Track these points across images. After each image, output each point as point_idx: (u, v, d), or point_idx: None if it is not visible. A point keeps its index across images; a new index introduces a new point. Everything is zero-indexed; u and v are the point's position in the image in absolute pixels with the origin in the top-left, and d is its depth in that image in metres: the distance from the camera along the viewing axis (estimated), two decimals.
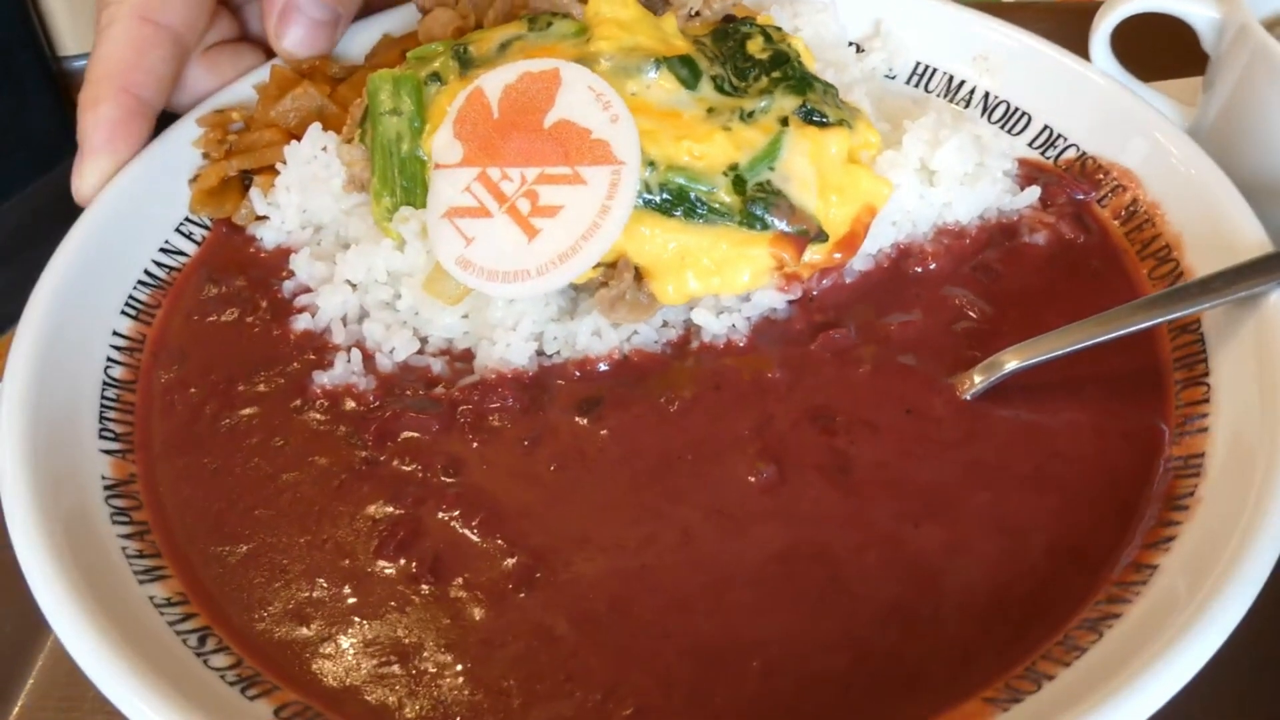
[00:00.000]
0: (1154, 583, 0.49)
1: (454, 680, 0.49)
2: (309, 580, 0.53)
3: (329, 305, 0.64)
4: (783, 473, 0.55)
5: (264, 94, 0.73)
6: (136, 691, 0.45)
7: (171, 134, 0.70)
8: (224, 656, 0.50)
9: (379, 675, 0.49)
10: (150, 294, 0.66)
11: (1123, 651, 0.46)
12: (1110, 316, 0.57)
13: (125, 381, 0.62)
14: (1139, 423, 0.57)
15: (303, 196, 0.68)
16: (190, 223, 0.70)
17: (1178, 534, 0.51)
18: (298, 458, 0.58)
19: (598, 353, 0.61)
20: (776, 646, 0.49)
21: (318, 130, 0.68)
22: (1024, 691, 0.47)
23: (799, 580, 0.51)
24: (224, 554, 0.54)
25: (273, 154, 0.69)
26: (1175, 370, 0.59)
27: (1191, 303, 0.57)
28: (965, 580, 0.51)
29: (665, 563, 0.52)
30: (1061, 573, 0.51)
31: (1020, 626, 0.49)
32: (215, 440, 0.59)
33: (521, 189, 0.60)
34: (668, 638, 0.50)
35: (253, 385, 0.61)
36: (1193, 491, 0.52)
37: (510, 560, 0.53)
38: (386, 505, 0.55)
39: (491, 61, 0.64)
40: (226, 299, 0.66)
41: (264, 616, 0.52)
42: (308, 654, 0.50)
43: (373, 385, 0.61)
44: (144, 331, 0.65)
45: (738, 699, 0.48)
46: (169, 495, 0.57)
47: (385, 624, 0.51)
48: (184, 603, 0.52)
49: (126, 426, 0.60)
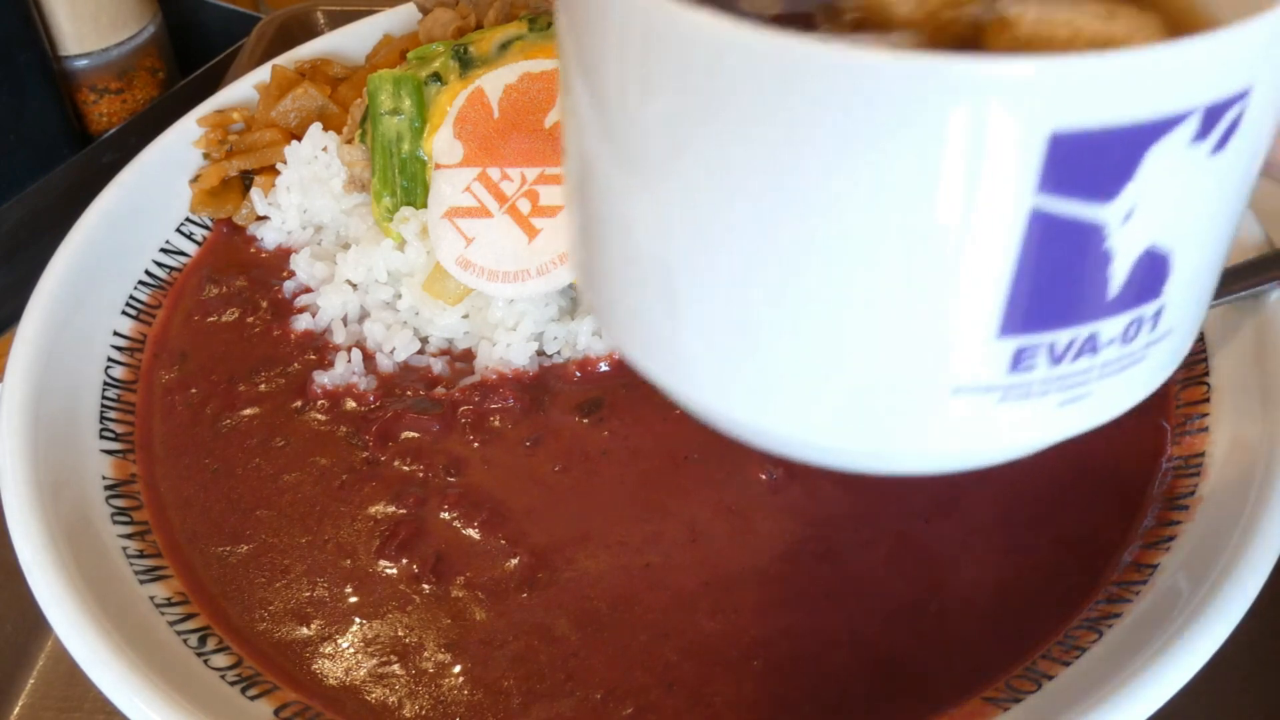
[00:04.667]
0: (1154, 582, 0.49)
1: (454, 680, 0.49)
2: (310, 580, 0.53)
3: (329, 305, 0.64)
4: (791, 471, 0.55)
5: (264, 94, 0.73)
6: (137, 691, 0.45)
7: (171, 134, 0.70)
8: (224, 656, 0.50)
9: (379, 675, 0.50)
10: (151, 294, 0.66)
11: (1123, 651, 0.46)
12: None
13: (126, 381, 0.62)
14: (1140, 422, 0.57)
15: (303, 196, 0.68)
16: (191, 223, 0.70)
17: (1178, 534, 0.51)
18: (299, 458, 0.58)
19: (598, 353, 0.61)
20: (778, 646, 0.49)
21: (318, 130, 0.68)
22: (1024, 691, 0.47)
23: (804, 579, 0.51)
24: (225, 554, 0.54)
25: (273, 154, 0.69)
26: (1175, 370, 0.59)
27: None
28: (967, 579, 0.51)
29: (668, 562, 0.52)
30: (1062, 572, 0.51)
31: (1020, 626, 0.50)
32: (216, 440, 0.59)
33: (522, 189, 0.60)
34: (669, 637, 0.50)
35: (254, 385, 0.62)
36: (1193, 491, 0.53)
37: (512, 560, 0.53)
38: (388, 505, 0.55)
39: (491, 62, 0.64)
40: (227, 299, 0.66)
41: (265, 616, 0.52)
42: (308, 654, 0.50)
43: (373, 385, 0.61)
44: (144, 331, 0.65)
45: (739, 699, 0.48)
46: (170, 495, 0.57)
47: (386, 624, 0.51)
48: (184, 603, 0.52)
49: (127, 426, 0.60)
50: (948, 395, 0.30)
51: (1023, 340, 0.29)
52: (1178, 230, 0.29)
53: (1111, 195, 0.27)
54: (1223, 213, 0.31)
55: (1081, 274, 0.28)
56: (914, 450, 0.32)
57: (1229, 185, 0.30)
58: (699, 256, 0.30)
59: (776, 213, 0.28)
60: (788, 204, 0.28)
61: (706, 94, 0.27)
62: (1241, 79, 0.27)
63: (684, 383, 0.34)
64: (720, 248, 0.30)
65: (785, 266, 0.29)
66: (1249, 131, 0.28)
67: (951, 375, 0.30)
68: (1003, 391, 0.30)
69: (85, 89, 0.94)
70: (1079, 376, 0.31)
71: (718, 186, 0.29)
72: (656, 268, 0.32)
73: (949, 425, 0.31)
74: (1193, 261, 0.31)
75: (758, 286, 0.30)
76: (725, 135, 0.28)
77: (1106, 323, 0.30)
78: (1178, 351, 0.35)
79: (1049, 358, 0.30)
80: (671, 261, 0.31)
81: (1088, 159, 0.26)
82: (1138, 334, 0.31)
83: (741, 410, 0.33)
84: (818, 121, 0.26)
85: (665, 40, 0.27)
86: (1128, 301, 0.30)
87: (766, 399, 0.32)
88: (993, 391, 0.30)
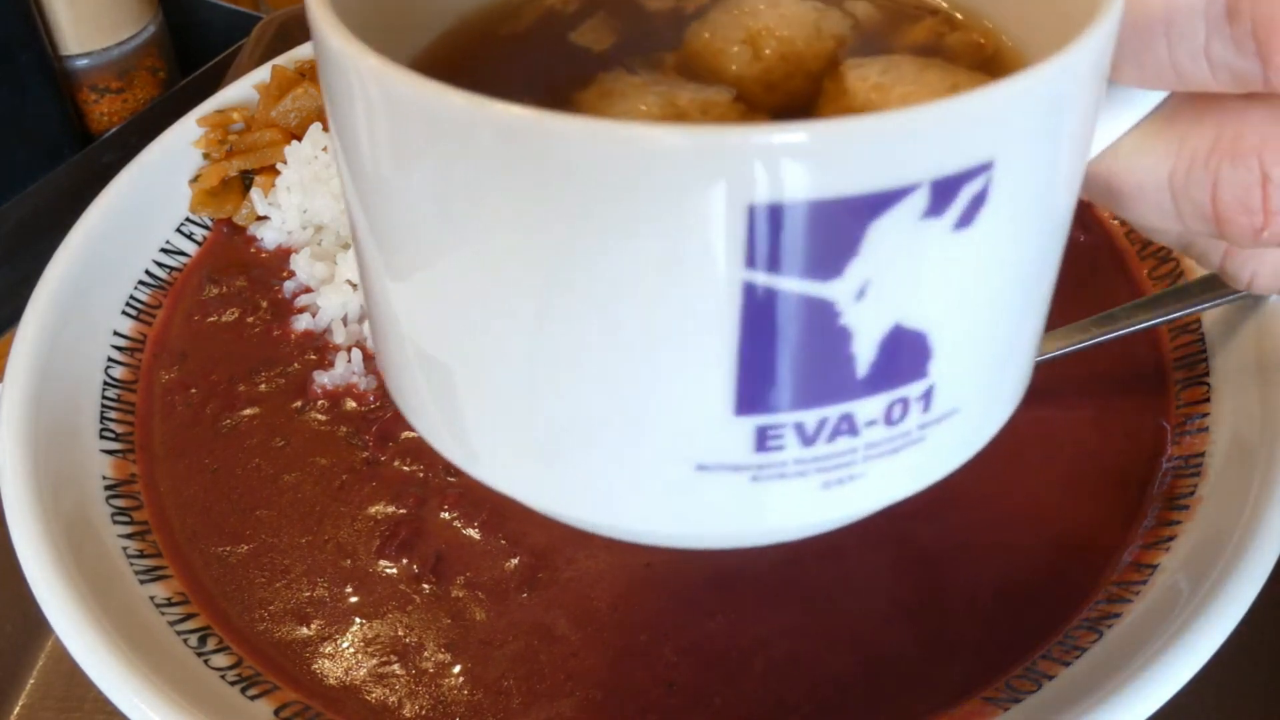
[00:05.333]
0: (1154, 582, 0.49)
1: (454, 680, 0.49)
2: (310, 580, 0.53)
3: (329, 305, 0.64)
4: None
5: (264, 94, 0.73)
6: (137, 691, 0.45)
7: (171, 134, 0.70)
8: (224, 656, 0.50)
9: (379, 675, 0.50)
10: (151, 294, 0.66)
11: (1123, 651, 0.46)
12: (1110, 316, 0.57)
13: (126, 381, 0.62)
14: (1140, 422, 0.57)
15: (303, 196, 0.68)
16: (191, 223, 0.70)
17: (1178, 534, 0.51)
18: (299, 458, 0.58)
19: None
20: (779, 646, 0.49)
21: (318, 130, 0.68)
22: (1024, 691, 0.47)
23: (804, 579, 0.51)
24: (225, 554, 0.54)
25: (273, 154, 0.69)
26: (1175, 370, 0.59)
27: (1191, 303, 0.57)
28: (967, 579, 0.51)
29: (669, 561, 0.52)
30: (1062, 572, 0.51)
31: (1020, 626, 0.50)
32: (216, 440, 0.59)
33: None
34: (669, 637, 0.50)
35: (254, 385, 0.62)
36: (1193, 491, 0.52)
37: (512, 560, 0.53)
38: (388, 505, 0.55)
39: None
40: (227, 299, 0.66)
41: (265, 616, 0.52)
42: (308, 654, 0.50)
43: (373, 385, 0.61)
44: (144, 331, 0.65)
45: (739, 699, 0.48)
46: (170, 495, 0.57)
47: (386, 624, 0.51)
48: (184, 603, 0.52)
49: (127, 426, 0.60)
50: (692, 472, 0.29)
51: (763, 419, 0.28)
52: (930, 310, 0.28)
53: (836, 272, 0.26)
54: (989, 291, 0.29)
55: (820, 353, 0.27)
56: (678, 530, 0.32)
57: (989, 263, 0.28)
58: (444, 337, 0.30)
59: (510, 286, 0.27)
60: (521, 276, 0.27)
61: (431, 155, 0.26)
62: (976, 152, 0.25)
63: (470, 465, 0.34)
64: (460, 329, 0.29)
65: (528, 342, 0.28)
66: (1003, 207, 0.27)
67: (695, 452, 0.29)
68: (753, 471, 0.29)
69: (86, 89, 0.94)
70: (841, 458, 0.29)
71: (455, 267, 0.28)
72: (412, 348, 0.32)
73: (705, 504, 0.30)
74: (960, 341, 0.29)
75: (500, 366, 0.29)
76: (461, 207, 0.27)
77: (862, 403, 0.28)
78: (979, 429, 0.33)
79: (799, 437, 0.29)
80: (424, 346, 0.31)
81: (797, 233, 0.25)
82: (905, 415, 0.29)
83: (523, 492, 0.33)
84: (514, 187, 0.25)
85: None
86: (883, 382, 0.28)
87: (539, 480, 0.32)
88: (741, 471, 0.29)
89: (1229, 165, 0.30)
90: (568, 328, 0.28)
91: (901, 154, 0.24)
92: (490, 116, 0.25)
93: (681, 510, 0.30)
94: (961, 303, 0.28)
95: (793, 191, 0.24)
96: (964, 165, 0.25)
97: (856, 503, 0.31)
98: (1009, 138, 0.26)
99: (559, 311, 0.27)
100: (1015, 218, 0.27)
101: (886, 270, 0.26)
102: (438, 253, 0.28)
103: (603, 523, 0.34)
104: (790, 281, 0.26)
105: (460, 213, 0.27)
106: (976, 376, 0.31)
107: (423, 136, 0.26)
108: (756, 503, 0.30)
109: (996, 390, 0.33)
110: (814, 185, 0.24)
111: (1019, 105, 0.25)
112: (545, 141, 0.24)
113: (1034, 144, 0.27)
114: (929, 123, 0.24)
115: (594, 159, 0.24)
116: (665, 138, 0.24)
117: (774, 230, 0.25)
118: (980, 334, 0.30)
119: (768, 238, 0.25)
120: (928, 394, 0.29)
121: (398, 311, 0.32)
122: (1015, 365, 0.33)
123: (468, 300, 0.29)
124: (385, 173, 0.28)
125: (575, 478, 0.31)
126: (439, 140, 0.26)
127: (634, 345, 0.27)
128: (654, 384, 0.28)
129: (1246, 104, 0.30)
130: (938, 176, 0.25)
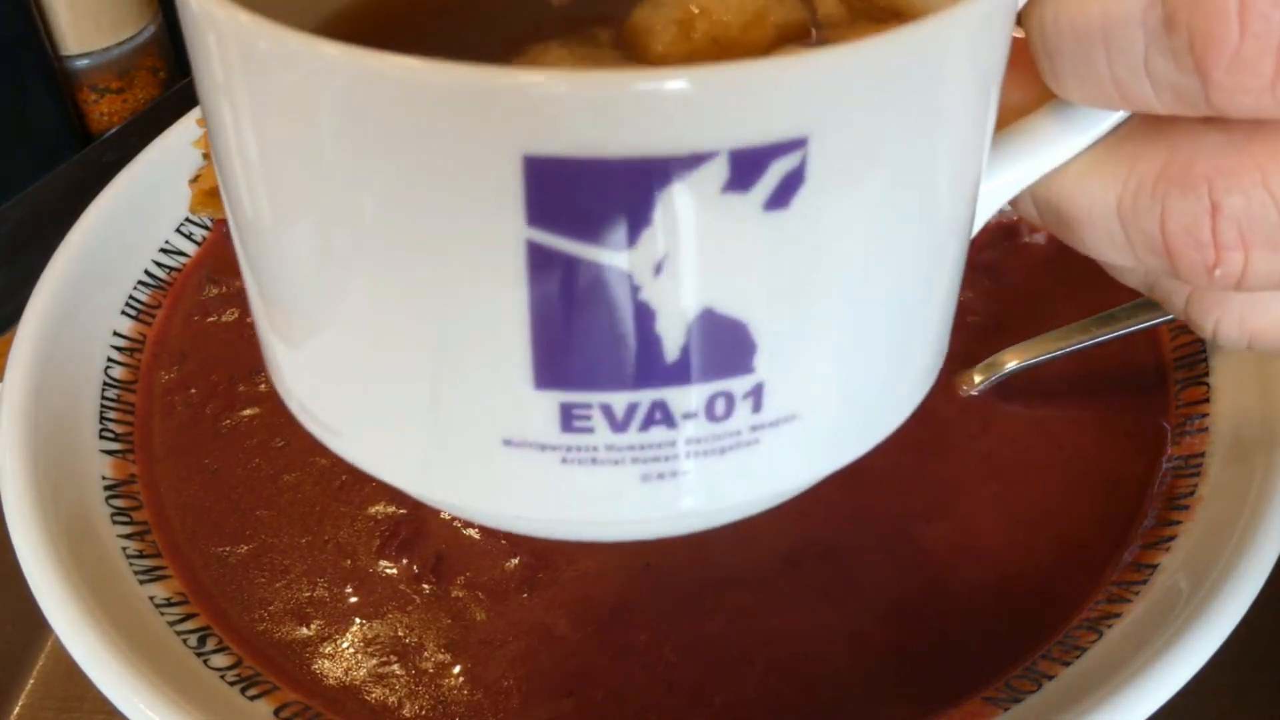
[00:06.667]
0: (1154, 582, 0.49)
1: (454, 680, 0.49)
2: (310, 580, 0.53)
3: None
4: None
5: None
6: (137, 691, 0.45)
7: (171, 134, 0.70)
8: (224, 656, 0.50)
9: (379, 675, 0.50)
10: (150, 294, 0.66)
11: (1123, 651, 0.46)
12: (1110, 316, 0.58)
13: (125, 382, 0.62)
14: (1141, 422, 0.57)
15: None
16: (190, 223, 0.70)
17: (1178, 533, 0.51)
18: (299, 458, 0.58)
19: None
20: (778, 646, 0.49)
21: None
22: (1024, 691, 0.47)
23: (804, 580, 0.51)
24: (225, 554, 0.54)
25: None
26: (1175, 370, 0.59)
27: None
28: (966, 579, 0.51)
29: (669, 561, 0.52)
30: (1062, 572, 0.51)
31: (1020, 625, 0.50)
32: (216, 440, 0.59)
33: None
34: (669, 637, 0.50)
35: (254, 385, 0.62)
36: (1193, 491, 0.53)
37: (512, 560, 0.53)
38: (388, 505, 0.55)
39: None
40: (227, 299, 0.66)
41: (265, 616, 0.52)
42: (308, 654, 0.50)
43: None
44: (144, 332, 0.65)
45: (739, 699, 0.48)
46: (169, 495, 0.57)
47: (386, 624, 0.51)
48: (184, 603, 0.52)
49: (127, 427, 0.60)
50: (499, 446, 0.28)
51: (566, 396, 0.27)
52: (748, 297, 0.26)
53: (627, 240, 0.24)
54: (821, 286, 0.27)
55: (620, 329, 0.26)
56: (490, 507, 0.31)
57: (819, 254, 0.26)
58: (276, 298, 0.30)
59: (323, 237, 0.27)
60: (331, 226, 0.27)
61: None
62: (785, 126, 0.23)
63: (335, 441, 0.33)
64: (287, 289, 0.29)
65: (340, 303, 0.28)
66: (827, 191, 0.25)
67: (500, 425, 0.28)
68: (562, 453, 0.28)
69: (86, 88, 0.93)
70: (657, 450, 0.28)
71: (276, 218, 0.28)
72: (265, 321, 0.32)
73: (514, 482, 0.29)
74: (791, 337, 0.27)
75: (334, 328, 0.29)
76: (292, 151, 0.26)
77: (674, 391, 0.27)
78: (831, 445, 0.31)
79: (608, 421, 0.27)
80: (268, 313, 0.31)
81: (577, 192, 0.24)
82: (731, 412, 0.28)
83: (390, 474, 0.32)
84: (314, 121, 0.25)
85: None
86: (700, 371, 0.27)
87: (377, 450, 0.31)
88: (549, 450, 0.28)
89: (1177, 193, 0.28)
90: (369, 279, 0.27)
91: (690, 117, 0.23)
92: (298, 51, 0.24)
93: (490, 487, 0.30)
94: (787, 295, 0.27)
95: (567, 145, 0.23)
96: (768, 138, 0.23)
97: (680, 502, 0.30)
98: (828, 115, 0.24)
99: (364, 261, 0.27)
100: (850, 207, 0.26)
101: (687, 245, 0.25)
102: (266, 204, 0.28)
103: (423, 495, 0.33)
104: (577, 246, 0.24)
105: (277, 160, 0.26)
106: (818, 383, 0.29)
107: (240, 65, 0.25)
108: (570, 488, 0.29)
109: (851, 405, 0.31)
110: (590, 141, 0.23)
111: (838, 79, 0.23)
112: (343, 76, 0.24)
113: (868, 126, 0.25)
114: (724, 86, 0.22)
115: (379, 96, 0.23)
116: (434, 75, 0.23)
117: (551, 186, 0.23)
118: (815, 334, 0.28)
119: (546, 193, 0.24)
120: (756, 392, 0.28)
121: (251, 282, 0.31)
122: (880, 381, 0.31)
123: (288, 256, 0.28)
124: (226, 119, 0.27)
125: (401, 446, 0.30)
126: (258, 75, 0.25)
127: (435, 305, 0.26)
128: (457, 348, 0.27)
129: (1203, 128, 0.28)
130: (736, 147, 0.23)
